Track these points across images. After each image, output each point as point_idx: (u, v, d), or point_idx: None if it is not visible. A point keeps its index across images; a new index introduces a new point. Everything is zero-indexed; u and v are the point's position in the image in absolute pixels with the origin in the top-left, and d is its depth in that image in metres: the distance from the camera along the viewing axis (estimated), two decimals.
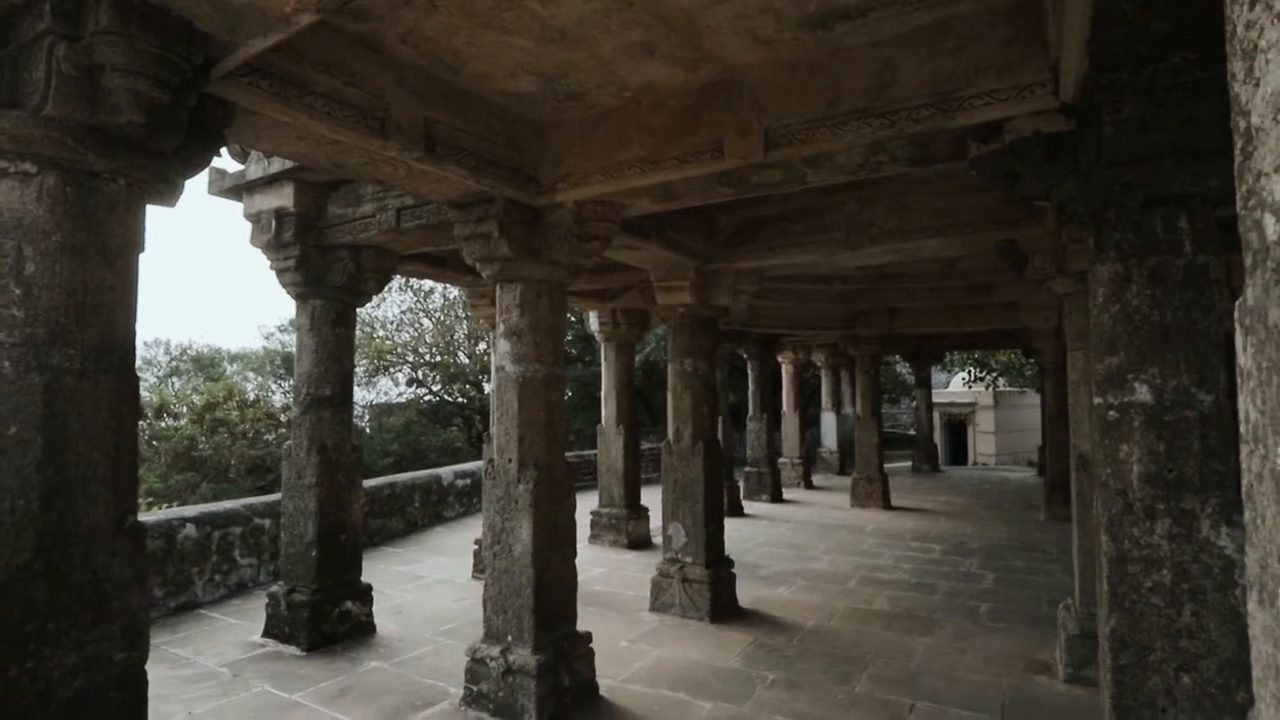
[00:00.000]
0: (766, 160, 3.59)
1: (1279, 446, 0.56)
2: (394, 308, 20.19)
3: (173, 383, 16.23)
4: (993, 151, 3.18)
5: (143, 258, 2.51)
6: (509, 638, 4.26)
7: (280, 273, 5.48)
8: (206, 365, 17.07)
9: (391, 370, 19.22)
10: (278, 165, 5.03)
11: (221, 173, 5.44)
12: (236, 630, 5.62)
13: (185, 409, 12.77)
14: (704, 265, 6.21)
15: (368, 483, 9.06)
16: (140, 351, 15.99)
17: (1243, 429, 0.66)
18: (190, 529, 6.09)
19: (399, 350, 19.02)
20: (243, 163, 5.24)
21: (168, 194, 2.66)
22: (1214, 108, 2.34)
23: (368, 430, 18.10)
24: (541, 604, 4.23)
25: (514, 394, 4.35)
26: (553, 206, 4.31)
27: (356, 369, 18.95)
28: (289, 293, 5.59)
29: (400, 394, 20.04)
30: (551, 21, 3.12)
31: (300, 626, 5.19)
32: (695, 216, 5.95)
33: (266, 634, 5.37)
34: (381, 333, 19.49)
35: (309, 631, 5.17)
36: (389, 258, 5.66)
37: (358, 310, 5.97)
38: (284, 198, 5.24)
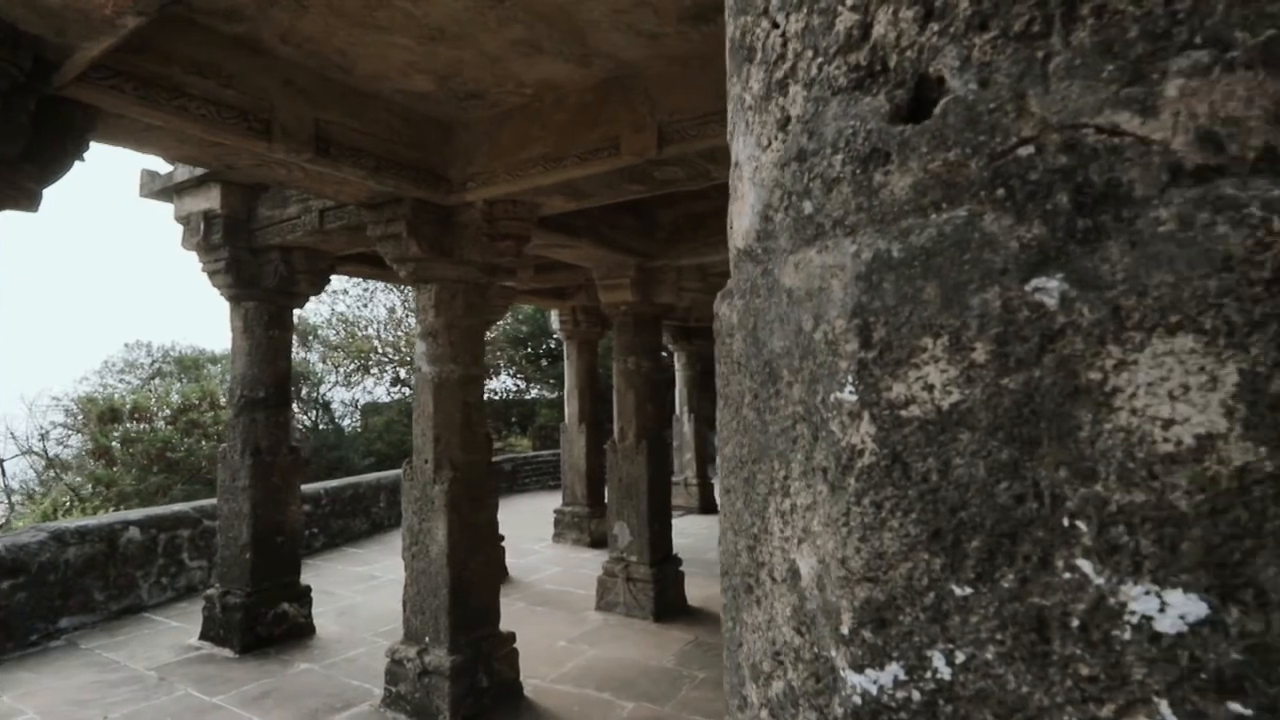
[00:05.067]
0: (662, 156, 3.56)
1: None
2: (380, 307, 20.22)
3: (155, 385, 16.26)
4: None
5: (124, 259, 2.49)
6: (426, 639, 4.25)
7: (212, 275, 5.47)
8: (189, 367, 17.09)
9: (375, 370, 19.24)
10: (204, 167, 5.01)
11: (153, 175, 5.42)
12: (177, 633, 5.63)
13: (165, 410, 12.82)
14: (645, 263, 6.17)
15: (329, 483, 9.07)
16: (121, 354, 16.05)
17: None
18: (134, 532, 6.10)
19: (382, 350, 19.04)
20: (171, 164, 5.23)
21: (22, 200, 2.63)
22: None
23: (357, 430, 18.15)
24: (458, 605, 4.21)
25: (429, 395, 4.33)
26: (463, 206, 4.28)
27: (339, 369, 18.98)
28: (222, 295, 5.58)
29: (387, 394, 20.06)
30: (426, 20, 3.09)
31: (234, 629, 5.20)
32: (635, 214, 5.92)
33: (203, 637, 5.38)
34: (370, 331, 19.51)
35: (242, 634, 5.17)
36: (322, 259, 5.64)
37: (342, 310, 5.96)
38: (211, 200, 5.22)
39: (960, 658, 0.37)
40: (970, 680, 0.37)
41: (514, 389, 20.56)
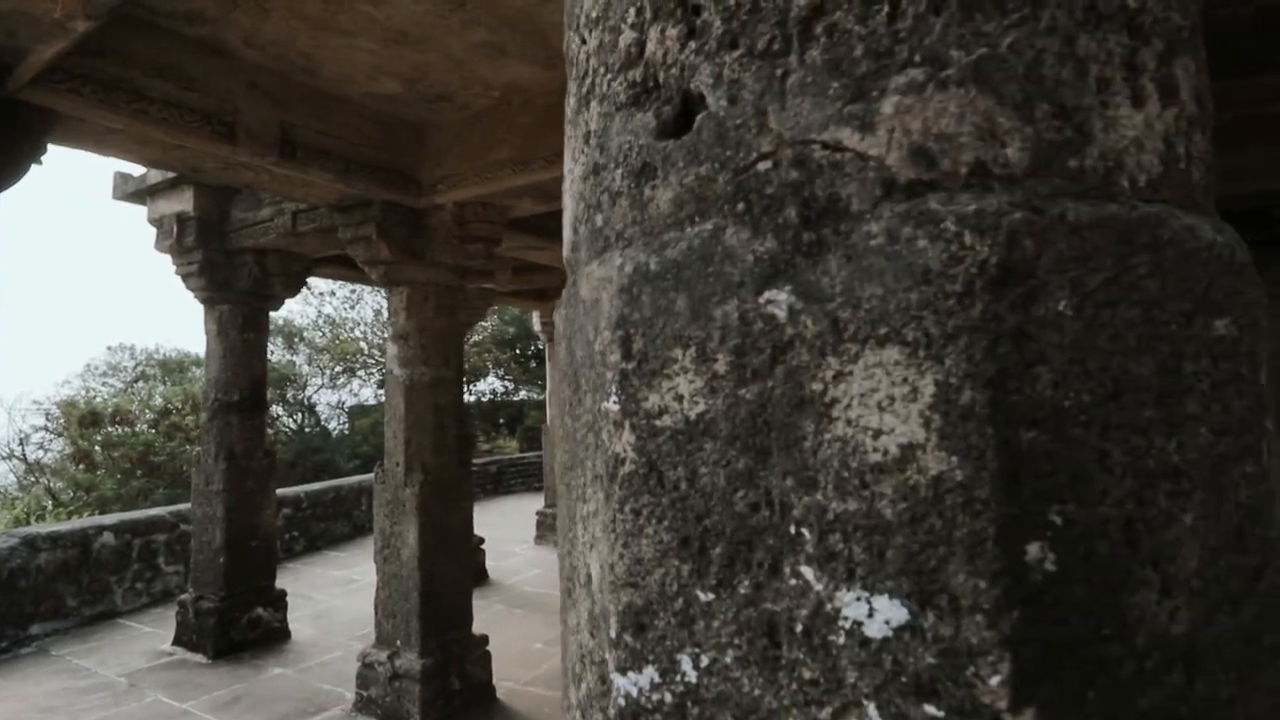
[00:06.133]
0: None
1: None
2: (368, 309, 20.13)
3: (138, 388, 16.14)
4: None
5: (109, 262, 2.48)
6: (397, 642, 4.24)
7: (185, 277, 5.44)
8: (173, 370, 16.97)
9: (362, 372, 19.16)
10: None
11: (125, 177, 5.39)
12: (150, 639, 5.59)
13: (145, 413, 12.73)
14: None
15: (310, 486, 9.04)
16: (104, 356, 15.92)
17: None
18: (108, 537, 6.05)
19: (369, 351, 18.96)
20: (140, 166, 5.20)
21: None
22: None
23: (343, 432, 18.06)
24: (429, 608, 4.20)
25: (400, 397, 4.32)
26: (434, 209, 4.28)
27: (325, 371, 18.87)
28: (196, 297, 5.55)
29: (374, 396, 19.98)
30: (388, 23, 3.09)
31: (207, 634, 5.17)
32: None
33: (176, 642, 5.35)
34: (356, 333, 19.42)
35: (216, 639, 5.14)
36: (297, 261, 5.62)
37: (328, 312, 5.94)
38: (184, 202, 5.20)
39: (705, 661, 0.38)
40: (713, 684, 0.37)
41: (502, 390, 20.52)
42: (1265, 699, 0.37)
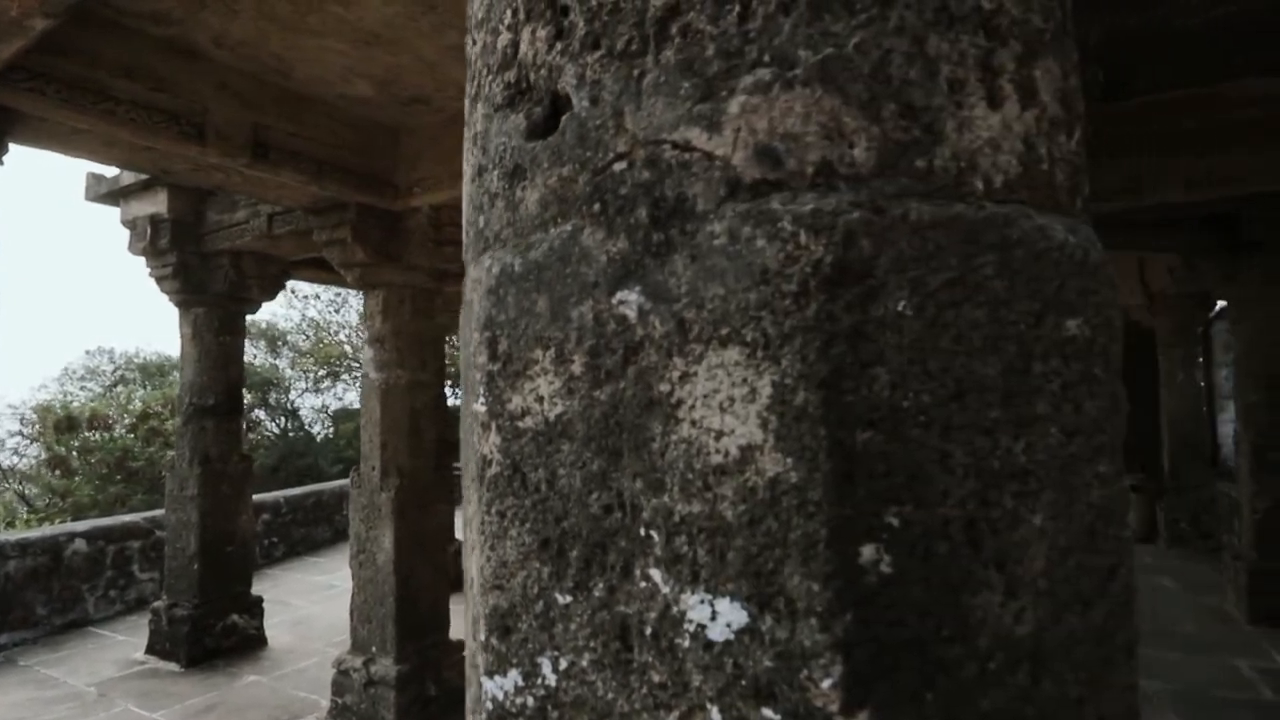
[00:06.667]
0: None
1: None
2: (353, 312, 19.99)
3: (117, 392, 15.94)
4: None
5: (88, 264, 2.43)
6: (373, 648, 4.20)
7: (160, 280, 5.38)
8: (153, 374, 16.78)
9: (346, 376, 19.03)
10: None
11: (99, 178, 5.33)
12: (122, 648, 5.51)
13: (124, 418, 12.57)
14: None
15: (290, 491, 8.95)
16: (82, 360, 15.70)
17: None
18: (80, 544, 5.96)
19: (354, 355, 18.82)
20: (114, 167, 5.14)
21: None
22: None
23: (328, 436, 17.90)
24: (405, 613, 4.17)
25: (376, 401, 4.29)
26: (409, 211, 4.26)
27: (309, 375, 18.72)
28: (170, 300, 5.49)
29: (359, 400, 19.79)
30: (359, 25, 3.07)
31: (180, 642, 5.09)
32: None
33: (149, 651, 5.27)
34: (341, 336, 19.27)
35: (189, 647, 5.07)
36: (273, 263, 5.57)
37: (313, 315, 5.89)
38: (159, 203, 5.14)
39: (563, 664, 0.37)
40: (571, 687, 0.37)
41: None
42: (1119, 697, 0.37)
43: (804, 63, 0.35)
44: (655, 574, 0.35)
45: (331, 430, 18.27)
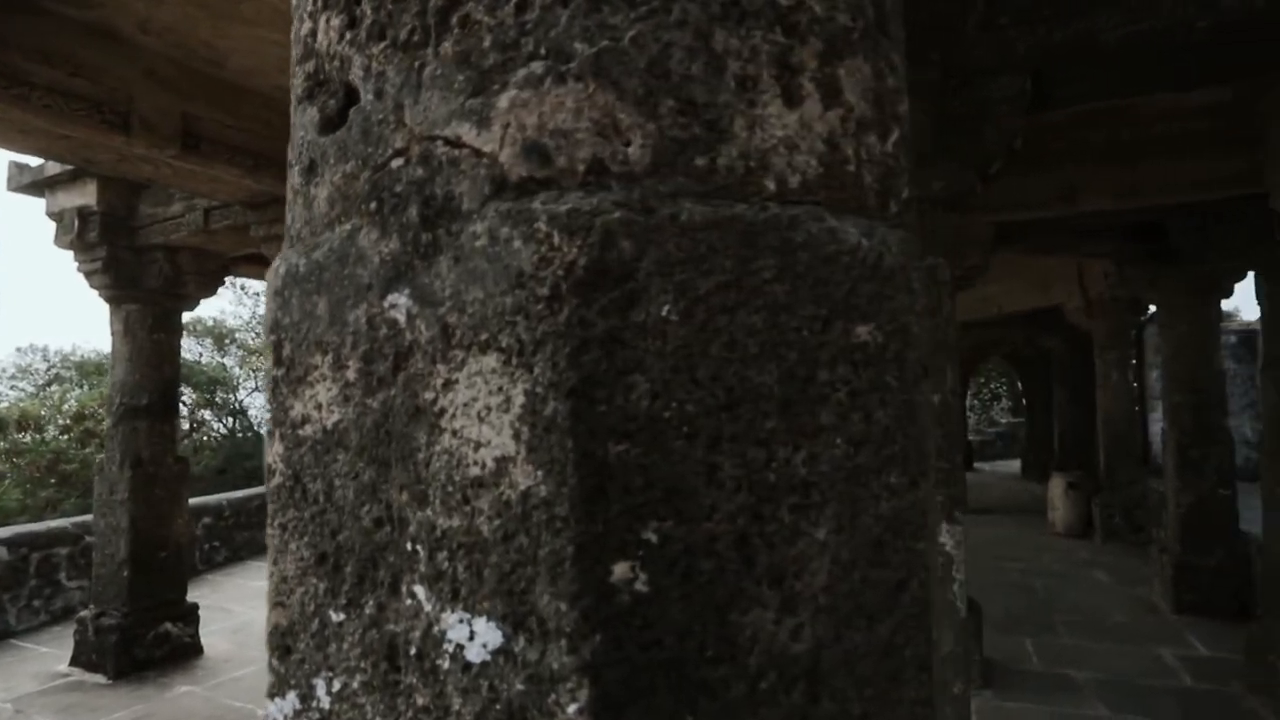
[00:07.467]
0: None
1: None
2: None
3: (51, 391, 15.28)
4: None
5: (18, 258, 2.27)
6: None
7: (89, 275, 5.16)
8: (91, 373, 16.11)
9: None
10: None
11: (21, 167, 5.08)
12: (46, 660, 5.25)
13: (58, 418, 12.04)
14: None
15: (232, 494, 8.69)
16: (12, 358, 14.98)
17: None
18: (1, 551, 5.67)
19: None
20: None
21: None
22: None
23: None
24: None
25: None
26: None
27: (258, 374, 18.21)
28: (100, 296, 5.27)
29: None
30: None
31: (108, 653, 4.88)
32: None
33: (74, 663, 5.03)
34: None
35: (117, 658, 4.86)
36: (212, 259, 5.39)
37: (262, 312, 5.66)
38: (87, 195, 4.92)
39: (336, 686, 0.35)
40: (343, 710, 0.35)
41: None
42: (909, 712, 0.37)
43: (579, 56, 0.33)
44: (420, 591, 0.33)
45: None
